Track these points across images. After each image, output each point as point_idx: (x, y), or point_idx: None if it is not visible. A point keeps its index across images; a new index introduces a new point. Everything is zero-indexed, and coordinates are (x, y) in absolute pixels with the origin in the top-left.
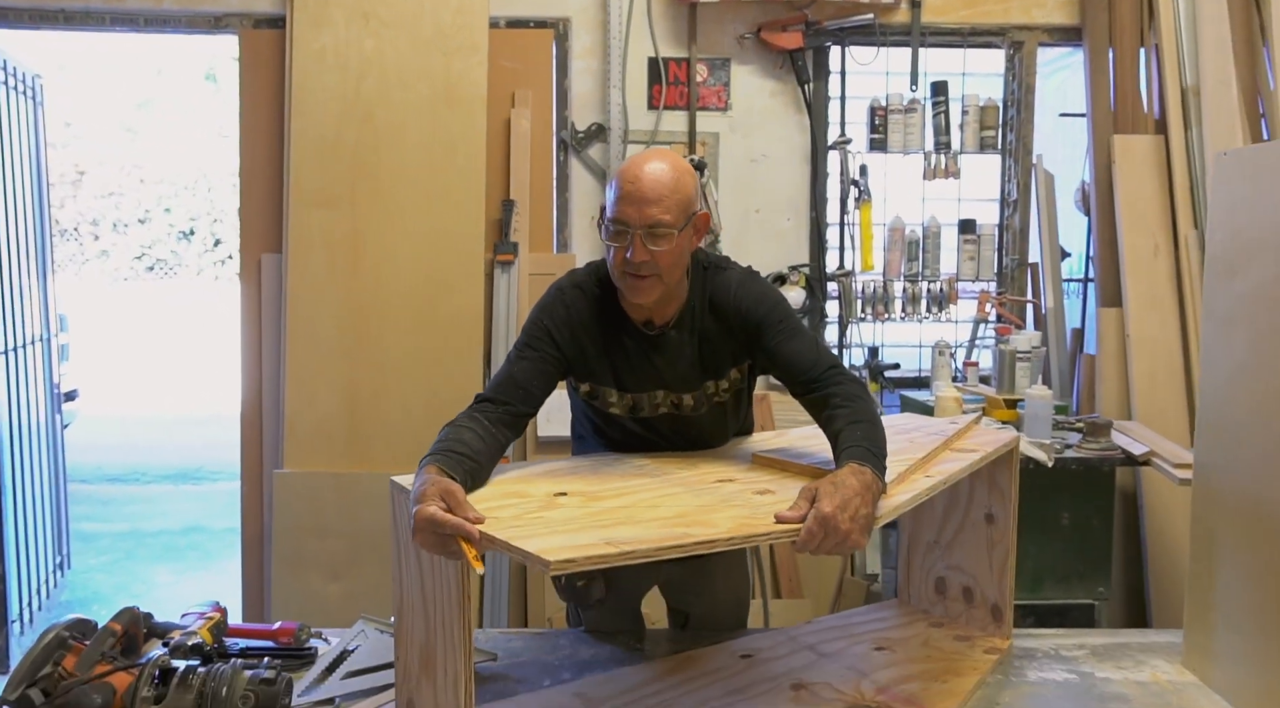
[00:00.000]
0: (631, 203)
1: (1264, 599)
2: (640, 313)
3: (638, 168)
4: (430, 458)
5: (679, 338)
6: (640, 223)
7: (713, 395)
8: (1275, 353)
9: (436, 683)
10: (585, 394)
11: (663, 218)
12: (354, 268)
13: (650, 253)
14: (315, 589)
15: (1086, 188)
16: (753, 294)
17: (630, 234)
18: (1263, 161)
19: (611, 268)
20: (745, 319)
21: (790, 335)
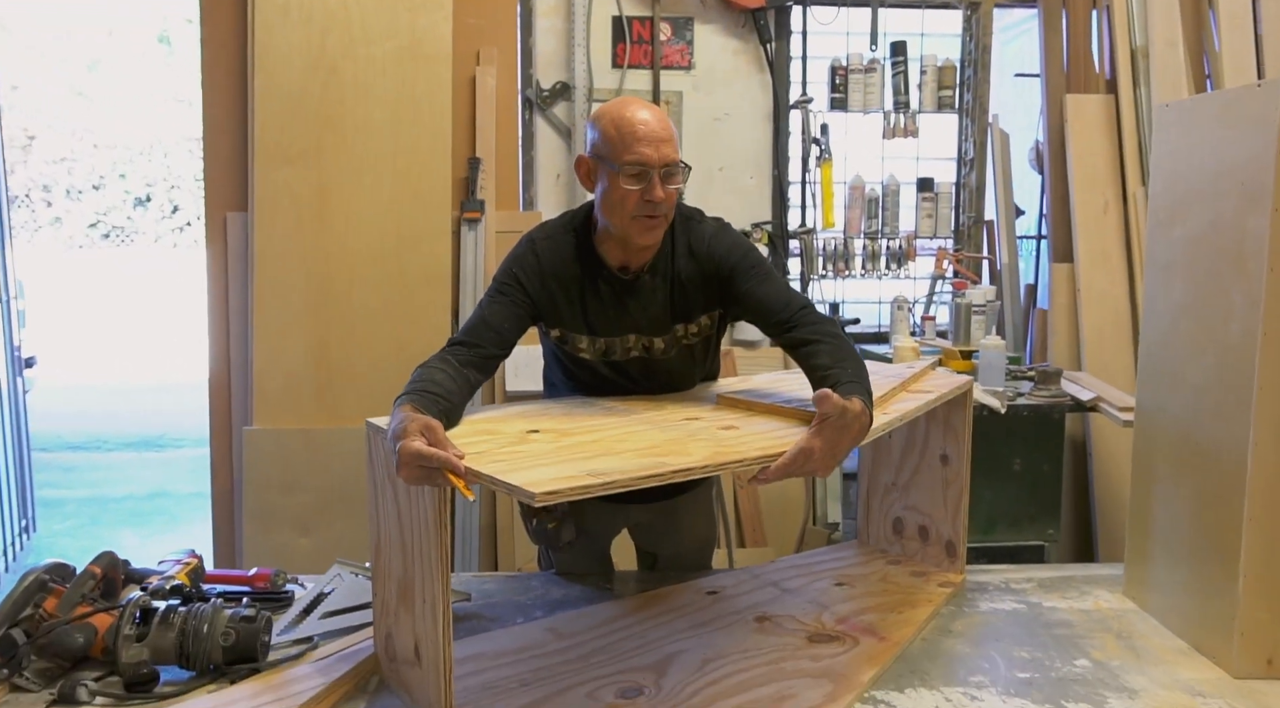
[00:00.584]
0: (649, 143)
1: (1196, 528)
2: (618, 257)
3: (638, 111)
4: (404, 398)
5: (652, 282)
6: (659, 162)
7: (682, 339)
8: (1211, 296)
9: (415, 613)
10: (556, 339)
11: (676, 157)
12: (321, 225)
13: (666, 192)
14: (286, 544)
15: (1040, 147)
16: (726, 243)
17: (651, 175)
18: (1201, 112)
19: (623, 214)
20: (719, 266)
21: (762, 279)
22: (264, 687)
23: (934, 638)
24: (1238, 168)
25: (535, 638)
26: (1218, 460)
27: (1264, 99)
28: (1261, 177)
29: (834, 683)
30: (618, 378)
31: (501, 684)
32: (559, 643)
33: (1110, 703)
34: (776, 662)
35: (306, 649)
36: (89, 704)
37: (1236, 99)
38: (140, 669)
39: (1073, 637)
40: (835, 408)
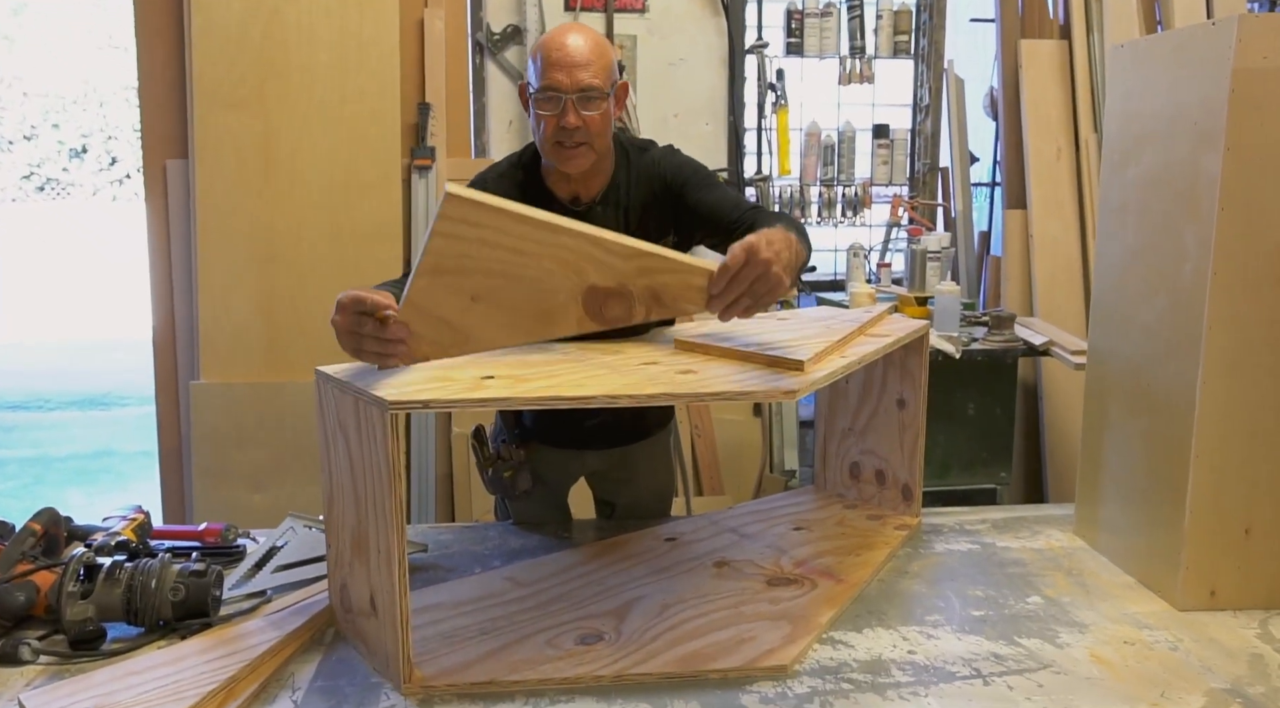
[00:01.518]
0: (561, 68)
1: (1145, 468)
2: (567, 188)
3: (562, 36)
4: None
5: (604, 212)
6: (572, 88)
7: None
8: (1163, 237)
9: (370, 564)
10: None
11: (593, 82)
12: (266, 172)
13: (582, 118)
14: (239, 499)
15: (995, 93)
16: (675, 162)
17: (563, 100)
18: (1155, 52)
19: (542, 141)
20: (669, 183)
21: (712, 187)
22: (216, 641)
23: (891, 579)
24: (1191, 107)
25: (494, 587)
26: (1167, 401)
27: (1217, 38)
28: (1214, 116)
29: (793, 625)
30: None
31: (459, 634)
32: (518, 591)
33: (1061, 637)
34: (735, 606)
35: (259, 603)
36: (32, 664)
37: (1190, 38)
38: (86, 627)
39: (1025, 575)
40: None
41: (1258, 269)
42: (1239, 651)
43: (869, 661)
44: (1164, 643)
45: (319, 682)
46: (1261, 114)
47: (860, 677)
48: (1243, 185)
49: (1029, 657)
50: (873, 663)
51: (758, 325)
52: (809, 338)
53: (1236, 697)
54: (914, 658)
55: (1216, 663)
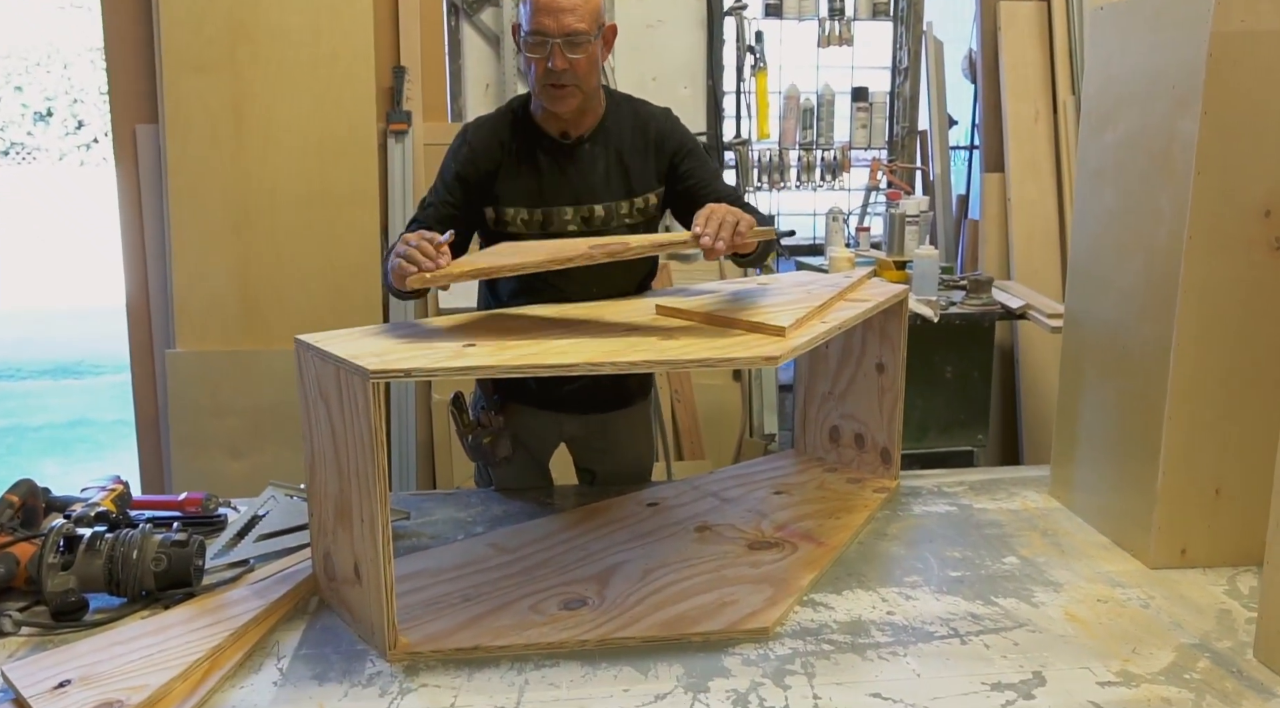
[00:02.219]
0: (548, 13)
1: (1119, 429)
2: (557, 125)
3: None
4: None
5: (593, 150)
6: (558, 32)
7: (625, 216)
8: (1140, 200)
9: (354, 533)
10: (492, 222)
11: (579, 26)
12: (239, 137)
13: (569, 61)
14: (217, 468)
15: (973, 55)
16: (679, 126)
17: (550, 44)
18: (1135, 16)
19: (532, 82)
20: (667, 140)
21: (707, 164)
22: (200, 610)
23: (870, 542)
24: (1169, 71)
25: (477, 553)
26: (1142, 362)
27: (1196, 3)
28: (1192, 80)
29: (774, 588)
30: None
31: (444, 600)
32: (501, 558)
33: (1037, 596)
34: (717, 569)
35: (242, 572)
36: (14, 635)
37: (1170, 3)
38: (68, 598)
39: (1001, 536)
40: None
41: (1232, 232)
42: (1208, 607)
43: (849, 622)
44: (1136, 600)
45: (304, 650)
46: (1238, 77)
47: (840, 638)
48: (1219, 149)
49: (1005, 616)
50: (852, 624)
51: (739, 290)
52: (790, 303)
53: (1204, 651)
54: (893, 619)
55: (1186, 619)
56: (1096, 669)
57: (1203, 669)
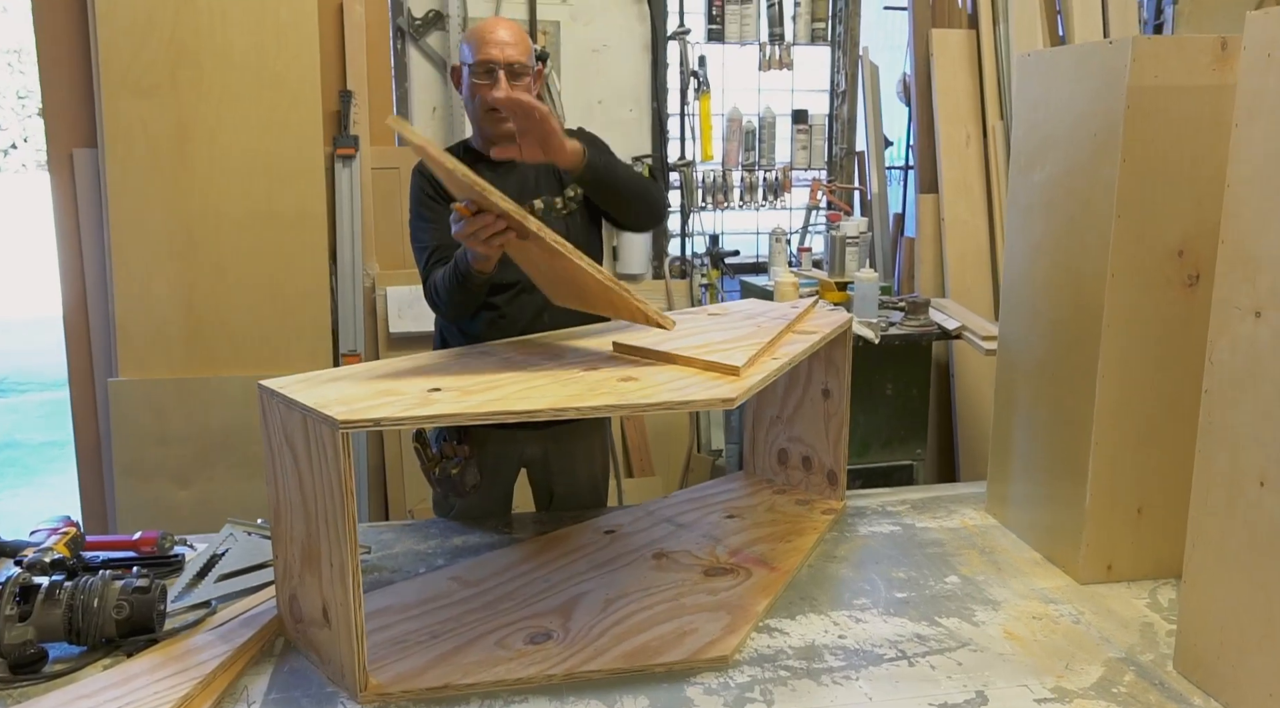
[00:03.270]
0: (495, 45)
1: (1050, 451)
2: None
3: (493, 24)
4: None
5: (526, 167)
6: (504, 61)
7: (560, 208)
8: (1067, 237)
9: (322, 576)
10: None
11: (520, 58)
12: (182, 162)
13: (512, 88)
14: (164, 497)
15: (907, 79)
16: (585, 133)
17: (497, 72)
18: (1059, 64)
19: (475, 112)
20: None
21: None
22: (164, 658)
23: (820, 564)
24: (1091, 118)
25: (440, 588)
26: (1070, 389)
27: (1114, 55)
28: (1112, 128)
29: (731, 615)
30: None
31: (410, 638)
32: (464, 591)
33: (977, 615)
34: (676, 598)
35: (205, 615)
36: None
37: (1090, 53)
38: (26, 650)
39: (943, 555)
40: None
41: (1150, 270)
42: (1132, 620)
43: (803, 647)
44: (1068, 616)
45: (274, 694)
46: (1153, 128)
47: (796, 663)
48: (1137, 193)
49: (949, 636)
50: (807, 649)
51: (693, 325)
52: (742, 339)
53: (1130, 664)
54: (844, 643)
55: (1113, 633)
56: (1033, 687)
57: (1129, 683)
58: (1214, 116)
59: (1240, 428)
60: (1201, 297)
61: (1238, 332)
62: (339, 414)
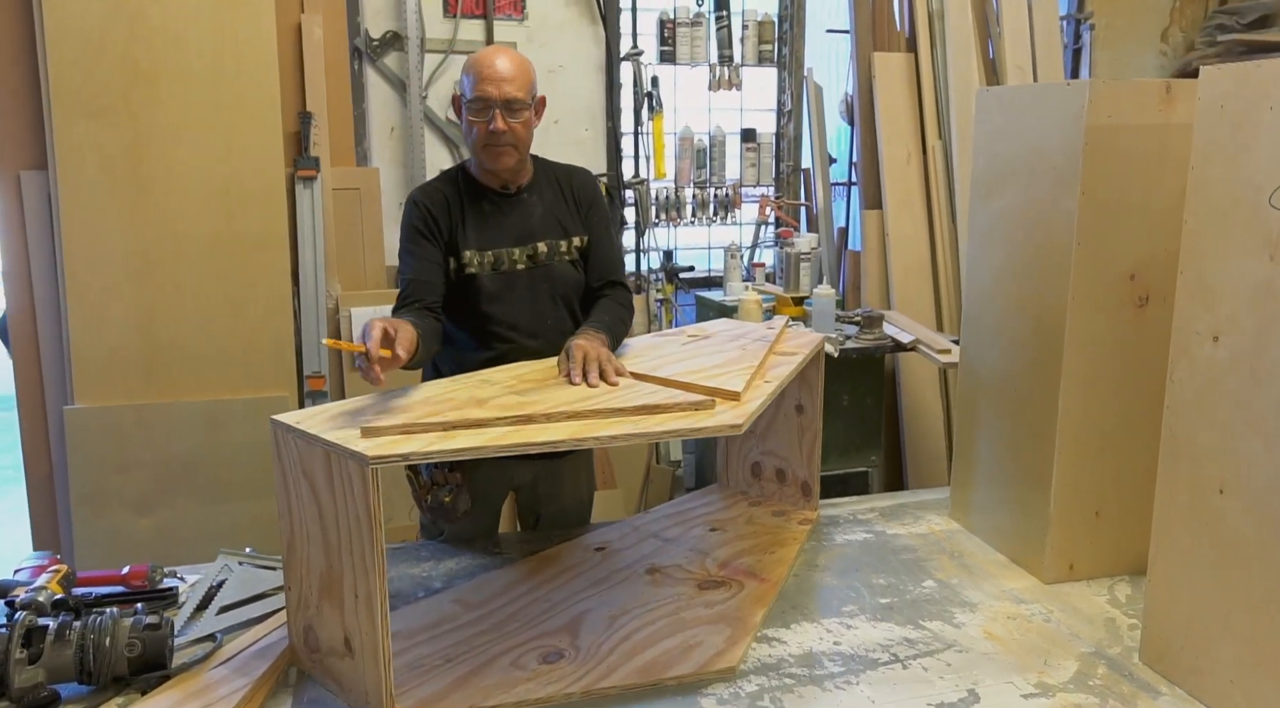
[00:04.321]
0: (491, 82)
1: (1014, 460)
2: (498, 180)
3: (492, 56)
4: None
5: (530, 198)
6: (500, 98)
7: (564, 253)
8: (1028, 263)
9: (344, 607)
10: (453, 272)
11: (517, 94)
12: (137, 185)
13: (508, 125)
14: (123, 526)
15: (849, 99)
16: (592, 181)
17: (492, 108)
18: (1018, 100)
19: (474, 143)
20: (581, 193)
21: (607, 228)
22: (184, 694)
23: (804, 573)
24: (1051, 153)
25: (445, 611)
26: (1033, 404)
27: (1073, 96)
28: (1071, 163)
29: (731, 627)
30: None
31: (426, 663)
32: (469, 614)
33: (957, 617)
34: (675, 612)
35: (213, 649)
36: None
37: (1048, 92)
38: (39, 693)
39: (917, 560)
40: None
41: (1106, 293)
42: (1096, 617)
43: (802, 655)
44: (1039, 615)
45: None
46: (1108, 163)
47: (799, 671)
48: (1094, 223)
49: (935, 639)
50: (806, 657)
51: (684, 351)
52: (732, 362)
53: (1101, 658)
54: (840, 649)
55: (1081, 630)
56: (1019, 683)
57: (1102, 676)
58: (1160, 152)
59: (1200, 441)
60: (1151, 316)
61: (1197, 354)
62: (368, 450)
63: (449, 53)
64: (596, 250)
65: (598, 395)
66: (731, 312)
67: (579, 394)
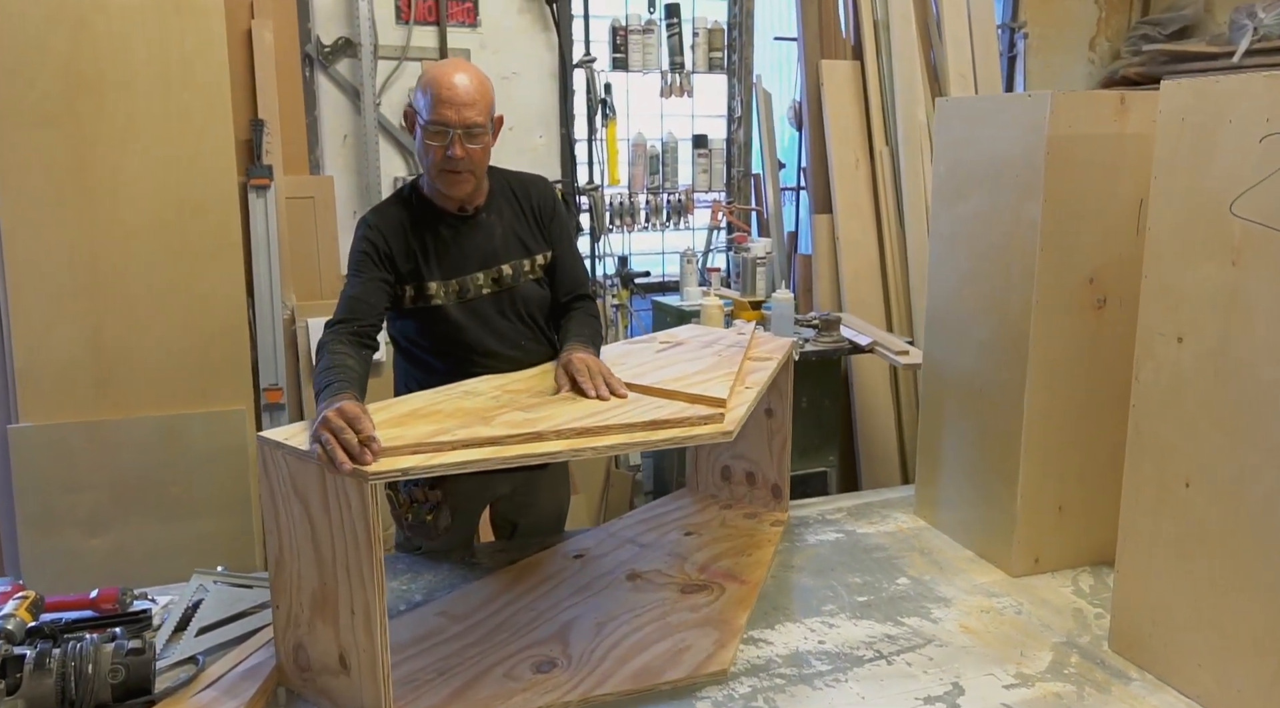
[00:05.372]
0: (450, 106)
1: (980, 458)
2: (453, 203)
3: (451, 75)
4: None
5: (490, 218)
6: (459, 124)
7: (528, 272)
8: (992, 267)
9: (339, 624)
10: (411, 299)
11: (478, 120)
12: (84, 196)
13: (467, 151)
14: (73, 547)
15: (797, 105)
16: (551, 191)
17: (451, 133)
18: (978, 110)
19: (430, 166)
20: (543, 206)
21: (570, 240)
22: None
23: (781, 574)
24: (1013, 161)
25: (431, 625)
26: (999, 404)
27: (1034, 108)
28: (1033, 172)
29: (718, 630)
30: (471, 322)
31: (419, 677)
32: (456, 626)
33: (934, 613)
34: (662, 616)
35: (196, 672)
36: None
37: (1010, 103)
38: None
39: (889, 558)
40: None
41: (1067, 296)
42: (1064, 608)
43: (789, 654)
44: (1010, 608)
45: None
46: (1068, 171)
47: (788, 670)
48: (1056, 228)
49: (914, 634)
50: (794, 657)
51: (660, 358)
52: (710, 369)
53: (1072, 648)
54: (825, 648)
55: (1051, 620)
56: (999, 674)
57: (1076, 664)
58: (1115, 160)
59: (1165, 437)
60: (1108, 317)
61: (1161, 355)
62: (367, 466)
63: (402, 59)
64: (561, 265)
65: (605, 410)
66: (690, 317)
67: (586, 409)
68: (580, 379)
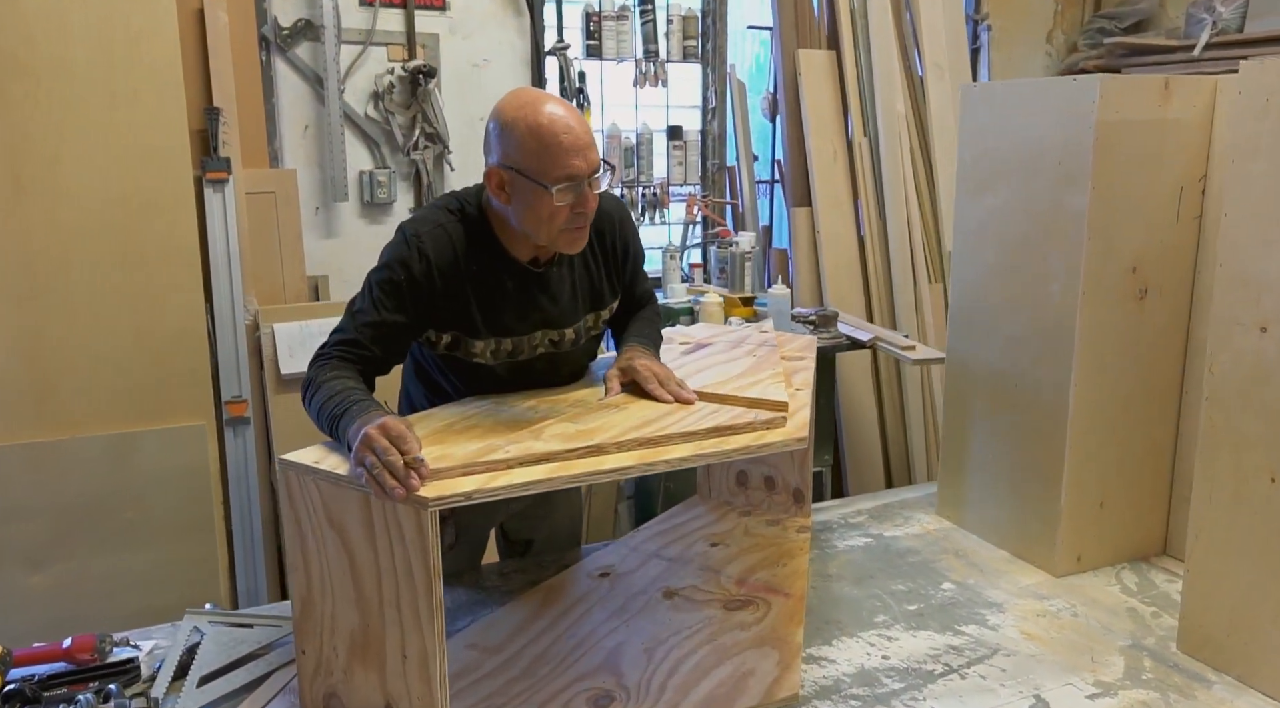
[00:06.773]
0: (578, 153)
1: (1017, 455)
2: (527, 252)
3: (555, 116)
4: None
5: (560, 272)
6: (590, 171)
7: (590, 329)
8: (1025, 259)
9: (386, 670)
10: (445, 347)
11: (600, 158)
12: (17, 193)
13: (596, 197)
14: (12, 584)
15: (771, 96)
16: (623, 214)
17: (584, 185)
18: (1009, 96)
19: (552, 226)
20: (615, 245)
21: (639, 268)
22: None
23: (820, 584)
24: (1053, 149)
25: (465, 660)
26: (1037, 399)
27: (1080, 92)
28: (1079, 160)
29: (777, 649)
30: (514, 379)
31: None
32: (492, 660)
33: (990, 619)
34: (712, 638)
35: None
36: None
37: (1049, 88)
38: None
39: (924, 562)
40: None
41: (1112, 286)
42: (1117, 607)
43: (856, 673)
44: (1065, 611)
45: None
46: (1115, 158)
47: (860, 691)
48: (1102, 218)
49: (978, 643)
50: (862, 675)
51: (696, 360)
52: (752, 370)
53: (1141, 651)
54: (891, 663)
55: (1110, 622)
56: (1078, 684)
57: (1151, 669)
58: (1158, 146)
59: (1246, 430)
60: (1149, 307)
61: (1241, 345)
62: (427, 491)
63: (367, 44)
64: (630, 291)
65: (662, 418)
66: (676, 314)
67: (641, 418)
68: (649, 387)
